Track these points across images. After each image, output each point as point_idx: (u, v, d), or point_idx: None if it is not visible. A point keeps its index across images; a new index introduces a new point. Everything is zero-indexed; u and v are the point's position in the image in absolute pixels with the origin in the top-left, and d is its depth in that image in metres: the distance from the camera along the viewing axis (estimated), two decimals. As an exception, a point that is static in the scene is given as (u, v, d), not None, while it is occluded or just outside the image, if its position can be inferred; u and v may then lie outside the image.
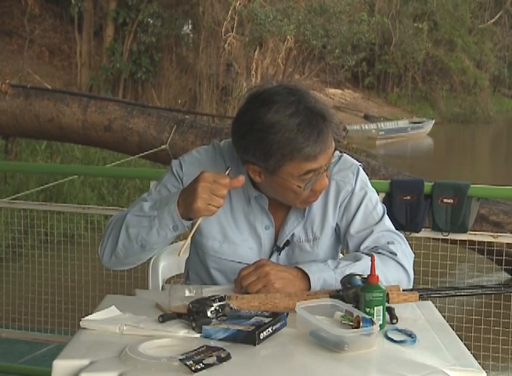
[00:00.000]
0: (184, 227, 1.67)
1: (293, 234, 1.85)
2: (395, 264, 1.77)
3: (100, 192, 8.80)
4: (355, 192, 1.86)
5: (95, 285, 3.81)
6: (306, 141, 1.65)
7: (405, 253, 1.81)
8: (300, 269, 1.71)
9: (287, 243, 1.86)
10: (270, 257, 1.86)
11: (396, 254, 1.78)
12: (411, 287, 1.77)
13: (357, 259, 1.74)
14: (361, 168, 1.90)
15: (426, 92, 29.16)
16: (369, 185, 1.91)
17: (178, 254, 1.64)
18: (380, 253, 1.77)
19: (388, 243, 1.81)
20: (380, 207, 1.88)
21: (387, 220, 1.87)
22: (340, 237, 1.88)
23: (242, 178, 1.64)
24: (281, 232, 1.86)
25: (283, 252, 1.86)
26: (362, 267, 1.69)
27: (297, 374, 1.31)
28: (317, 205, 1.85)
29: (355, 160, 1.92)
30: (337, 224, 1.87)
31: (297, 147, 1.65)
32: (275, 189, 1.76)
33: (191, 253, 1.98)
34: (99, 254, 1.80)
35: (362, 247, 1.82)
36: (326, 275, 1.69)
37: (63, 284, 3.88)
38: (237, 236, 1.84)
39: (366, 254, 1.76)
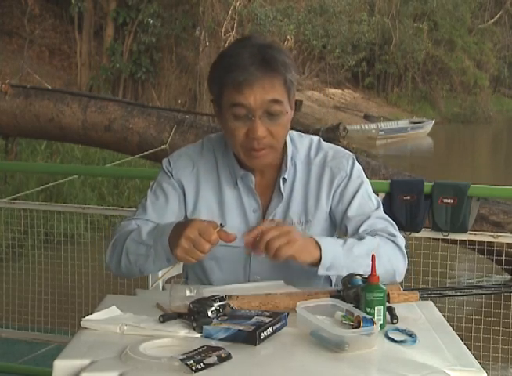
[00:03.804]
0: (176, 260, 1.66)
1: (285, 217, 1.85)
2: (395, 246, 1.79)
3: (100, 192, 8.79)
4: (352, 178, 1.87)
5: (96, 285, 3.80)
6: (237, 67, 1.69)
7: (401, 238, 1.83)
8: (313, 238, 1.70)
9: None
10: None
11: (395, 236, 1.80)
12: (406, 270, 1.80)
13: (361, 238, 1.75)
14: (355, 159, 1.92)
15: (426, 92, 29.15)
16: (364, 176, 1.92)
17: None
18: (379, 235, 1.79)
19: (386, 226, 1.83)
20: (375, 198, 1.90)
21: (382, 210, 1.89)
22: (336, 223, 1.89)
23: (233, 237, 1.59)
24: (267, 214, 1.87)
25: None
26: (367, 246, 1.70)
27: (298, 374, 1.31)
28: (299, 187, 1.86)
29: (349, 152, 1.94)
30: (331, 209, 1.87)
31: (228, 70, 1.70)
32: (225, 131, 1.79)
33: None
34: (107, 262, 1.83)
35: (360, 230, 1.82)
36: (336, 250, 1.69)
37: (63, 284, 3.88)
38: (226, 219, 1.84)
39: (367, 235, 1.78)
